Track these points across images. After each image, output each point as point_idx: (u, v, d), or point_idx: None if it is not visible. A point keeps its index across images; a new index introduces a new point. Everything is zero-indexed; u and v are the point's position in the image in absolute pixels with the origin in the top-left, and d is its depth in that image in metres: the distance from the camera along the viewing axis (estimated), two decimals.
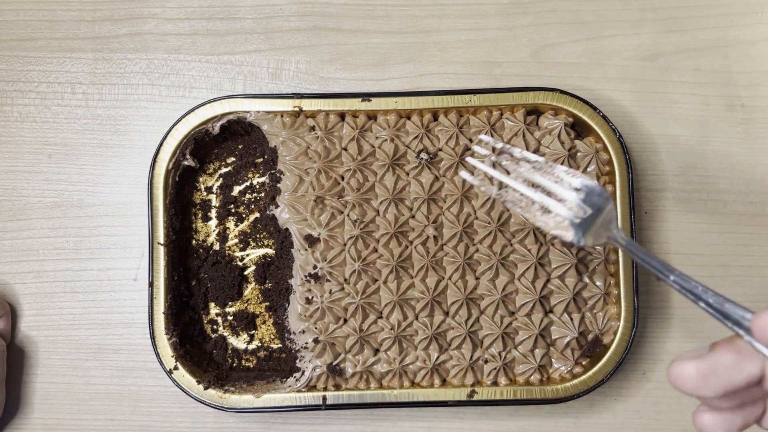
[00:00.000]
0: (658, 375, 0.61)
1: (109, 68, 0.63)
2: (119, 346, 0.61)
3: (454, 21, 0.64)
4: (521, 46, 0.63)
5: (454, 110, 0.59)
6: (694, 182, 0.63)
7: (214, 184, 0.62)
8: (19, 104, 0.63)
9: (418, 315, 0.57)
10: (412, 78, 0.63)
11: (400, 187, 0.58)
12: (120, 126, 0.63)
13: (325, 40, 0.64)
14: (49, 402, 0.60)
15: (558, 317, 0.58)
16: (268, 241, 0.62)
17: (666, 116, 0.63)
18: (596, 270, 0.58)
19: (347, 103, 0.58)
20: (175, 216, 0.59)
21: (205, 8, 0.64)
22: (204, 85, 0.63)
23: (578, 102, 0.58)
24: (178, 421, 0.61)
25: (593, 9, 0.64)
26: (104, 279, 0.61)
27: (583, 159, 0.58)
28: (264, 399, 0.56)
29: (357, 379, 0.57)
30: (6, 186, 0.62)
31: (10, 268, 0.62)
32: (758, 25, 0.64)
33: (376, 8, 0.64)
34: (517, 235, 0.58)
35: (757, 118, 0.63)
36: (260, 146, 0.62)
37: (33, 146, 0.63)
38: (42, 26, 0.63)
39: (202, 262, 0.61)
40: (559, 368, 0.58)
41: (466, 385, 0.57)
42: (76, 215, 0.62)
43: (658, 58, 0.64)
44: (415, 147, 0.58)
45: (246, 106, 0.58)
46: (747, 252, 0.62)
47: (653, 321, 0.61)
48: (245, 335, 0.61)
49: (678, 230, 0.62)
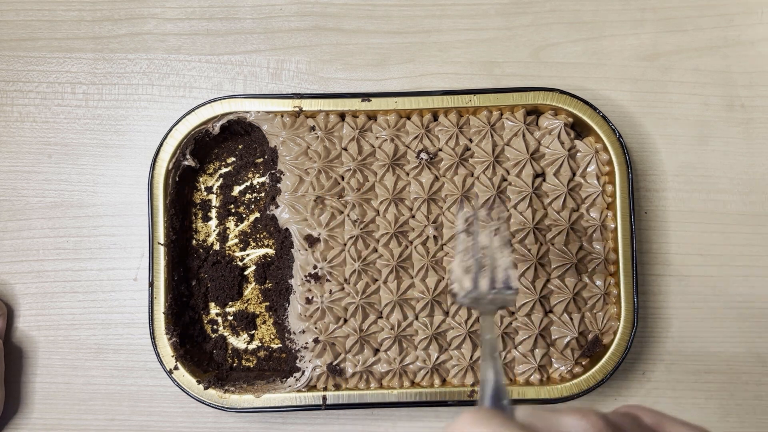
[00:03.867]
0: (658, 375, 0.61)
1: (109, 68, 0.63)
2: (119, 346, 0.61)
3: (454, 21, 0.64)
4: (521, 46, 0.63)
5: (454, 110, 0.59)
6: (694, 182, 0.63)
7: (214, 184, 0.62)
8: (19, 104, 0.63)
9: (418, 315, 0.57)
10: (412, 78, 0.63)
11: (400, 187, 0.58)
12: (120, 126, 0.63)
13: (325, 40, 0.64)
14: (49, 402, 0.60)
15: (558, 317, 0.58)
16: (268, 241, 0.62)
17: (666, 116, 0.63)
18: (596, 270, 0.58)
19: (347, 103, 0.58)
20: (175, 216, 0.59)
21: (205, 8, 0.64)
22: (204, 85, 0.63)
23: (578, 102, 0.58)
24: (178, 421, 0.61)
25: (593, 9, 0.64)
26: (104, 279, 0.61)
27: (583, 159, 0.58)
28: (264, 399, 0.56)
29: (357, 379, 0.57)
30: (6, 186, 0.62)
31: (10, 268, 0.62)
32: (758, 25, 0.64)
33: (376, 8, 0.64)
34: (517, 235, 0.58)
35: (757, 118, 0.63)
36: (260, 146, 0.62)
37: (33, 146, 0.63)
38: (42, 26, 0.63)
39: (202, 262, 0.61)
40: (559, 368, 0.58)
41: (466, 385, 0.57)
42: (76, 215, 0.62)
43: (658, 58, 0.64)
44: (415, 147, 0.58)
45: (246, 106, 0.58)
46: (747, 252, 0.62)
47: (653, 321, 0.61)
48: (245, 335, 0.61)
49: (678, 230, 0.62)
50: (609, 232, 0.58)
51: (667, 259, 0.62)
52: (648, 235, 0.62)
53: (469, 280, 0.44)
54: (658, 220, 0.62)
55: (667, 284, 0.62)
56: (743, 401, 0.61)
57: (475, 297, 0.44)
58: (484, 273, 0.44)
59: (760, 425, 0.61)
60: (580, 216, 0.58)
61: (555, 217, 0.58)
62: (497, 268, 0.45)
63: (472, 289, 0.44)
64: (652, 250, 0.62)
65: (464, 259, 0.46)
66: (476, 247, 0.46)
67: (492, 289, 0.44)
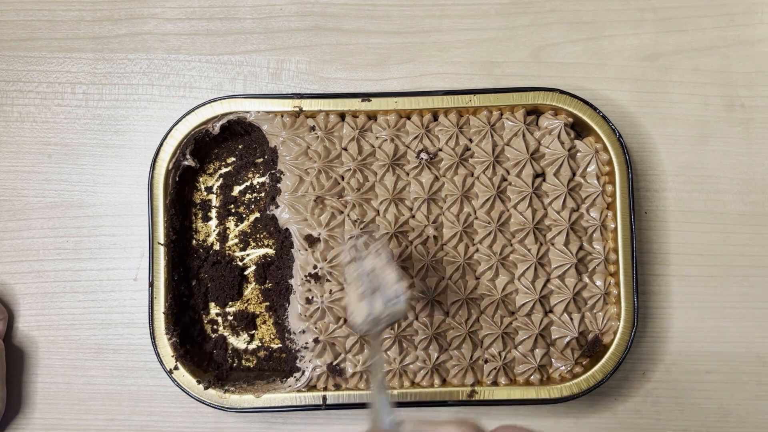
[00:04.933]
0: (658, 375, 0.61)
1: (109, 68, 0.63)
2: (119, 346, 0.61)
3: (454, 21, 0.64)
4: (521, 46, 0.63)
5: (454, 110, 0.59)
6: (694, 182, 0.63)
7: (214, 184, 0.63)
8: (19, 104, 0.63)
9: (418, 315, 0.57)
10: (412, 78, 0.63)
11: (400, 187, 0.58)
12: (120, 126, 0.63)
13: (325, 40, 0.64)
14: (49, 402, 0.60)
15: (558, 317, 0.58)
16: (268, 241, 0.62)
17: (666, 116, 0.63)
18: (596, 270, 0.58)
19: (347, 103, 0.58)
20: (175, 216, 0.59)
21: (205, 8, 0.64)
22: (204, 85, 0.63)
23: (578, 102, 0.58)
24: (178, 421, 0.61)
25: (593, 9, 0.64)
26: (104, 279, 0.61)
27: (583, 159, 0.58)
28: (264, 399, 0.56)
29: (357, 379, 0.57)
30: (6, 186, 0.62)
31: (10, 268, 0.62)
32: (758, 25, 0.64)
33: (376, 8, 0.64)
34: (517, 235, 0.58)
35: (757, 118, 0.63)
36: (260, 146, 0.62)
37: (33, 146, 0.63)
38: (42, 26, 0.63)
39: (202, 262, 0.61)
40: (559, 368, 0.58)
41: (466, 385, 0.57)
42: (76, 215, 0.62)
43: (658, 58, 0.64)
44: (415, 147, 0.58)
45: (246, 106, 0.58)
46: (747, 252, 0.62)
47: (653, 321, 0.61)
48: (245, 335, 0.61)
49: (678, 230, 0.62)
50: (609, 232, 0.58)
51: (667, 259, 0.62)
52: (648, 235, 0.62)
53: (365, 306, 0.46)
54: (658, 220, 0.62)
55: (667, 284, 0.62)
56: (743, 401, 0.61)
57: (373, 319, 0.46)
58: (377, 295, 0.47)
59: (760, 425, 0.61)
60: (580, 216, 0.58)
61: (555, 217, 0.58)
62: (386, 286, 0.47)
63: (369, 312, 0.46)
64: (652, 250, 0.62)
65: (357, 287, 0.48)
66: (364, 273, 0.48)
67: (387, 304, 0.46)
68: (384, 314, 0.46)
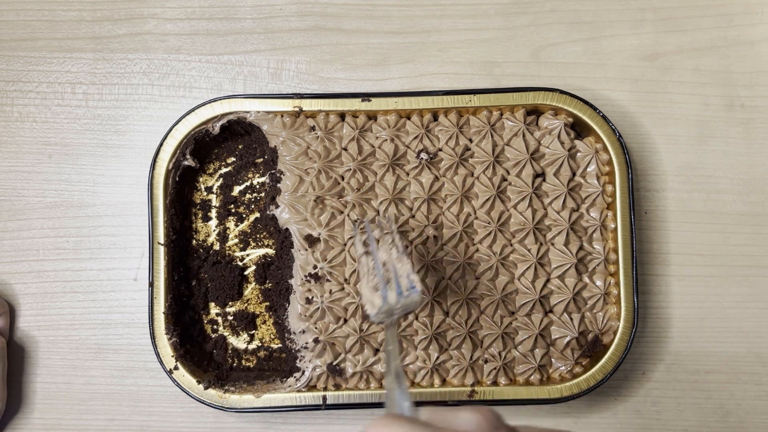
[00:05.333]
0: (658, 375, 0.61)
1: (109, 68, 0.63)
2: (119, 346, 0.61)
3: (454, 21, 0.64)
4: (521, 46, 0.64)
5: (454, 110, 0.59)
6: (694, 182, 0.63)
7: (214, 184, 0.63)
8: (19, 104, 0.63)
9: (418, 315, 0.57)
10: (412, 78, 0.63)
11: (400, 187, 0.58)
12: (120, 126, 0.63)
13: (325, 40, 0.64)
14: (49, 402, 0.60)
15: (558, 317, 0.58)
16: (268, 241, 0.62)
17: (666, 116, 0.63)
18: (596, 270, 0.58)
19: (347, 103, 0.58)
20: (175, 216, 0.59)
21: (205, 8, 0.64)
22: (204, 85, 0.63)
23: (578, 102, 0.58)
24: (178, 421, 0.61)
25: (593, 9, 0.64)
26: (104, 279, 0.61)
27: (583, 159, 0.58)
28: (264, 399, 0.56)
29: (357, 379, 0.57)
30: (6, 186, 0.62)
31: (10, 268, 0.62)
32: (758, 25, 0.64)
33: (376, 8, 0.64)
34: (517, 235, 0.58)
35: (757, 118, 0.63)
36: (260, 146, 0.62)
37: (33, 146, 0.63)
38: (42, 26, 0.63)
39: (202, 262, 0.61)
40: (559, 368, 0.58)
41: (466, 385, 0.57)
42: (76, 215, 0.62)
43: (658, 58, 0.64)
44: (415, 147, 0.58)
45: (246, 106, 0.58)
46: (747, 252, 0.62)
47: (653, 321, 0.61)
48: (245, 335, 0.61)
49: (678, 230, 0.62)
50: (609, 232, 0.58)
51: (667, 259, 0.62)
52: (648, 235, 0.62)
53: (379, 297, 0.47)
54: (658, 220, 0.62)
55: (667, 284, 0.62)
56: (743, 401, 0.61)
57: (387, 309, 0.46)
58: (390, 285, 0.47)
59: (760, 425, 0.61)
60: (580, 216, 0.58)
61: (555, 217, 0.58)
62: (401, 277, 0.47)
63: (383, 304, 0.46)
64: (652, 250, 0.62)
65: (370, 279, 0.49)
66: (378, 265, 0.49)
67: (400, 297, 0.46)
68: (398, 305, 0.46)
